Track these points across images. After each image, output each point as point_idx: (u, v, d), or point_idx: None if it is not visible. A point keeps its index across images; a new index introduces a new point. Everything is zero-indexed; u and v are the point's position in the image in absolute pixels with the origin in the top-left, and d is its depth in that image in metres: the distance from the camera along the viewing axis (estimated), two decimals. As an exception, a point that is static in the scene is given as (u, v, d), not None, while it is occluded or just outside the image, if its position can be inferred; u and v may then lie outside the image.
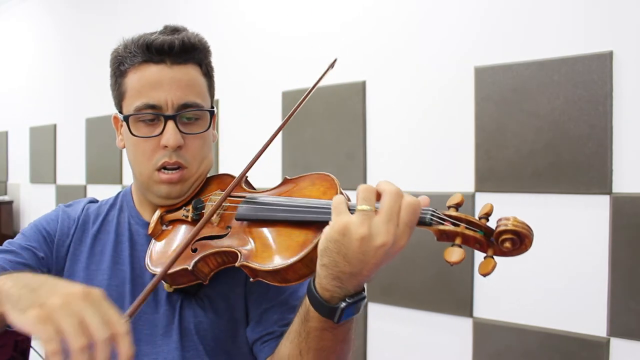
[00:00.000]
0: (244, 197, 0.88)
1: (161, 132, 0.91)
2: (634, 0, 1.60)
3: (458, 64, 1.92)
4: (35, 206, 3.95)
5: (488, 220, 0.68)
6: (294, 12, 2.42)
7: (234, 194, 0.89)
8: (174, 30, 0.95)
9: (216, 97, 1.05)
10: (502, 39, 1.84)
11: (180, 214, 0.94)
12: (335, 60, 0.96)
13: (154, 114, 0.91)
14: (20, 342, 0.97)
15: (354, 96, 2.18)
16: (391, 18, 2.11)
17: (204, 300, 0.92)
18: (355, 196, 0.69)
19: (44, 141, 3.83)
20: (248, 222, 0.84)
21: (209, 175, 1.01)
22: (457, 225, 0.67)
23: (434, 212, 0.68)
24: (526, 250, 0.66)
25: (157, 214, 0.96)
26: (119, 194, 1.08)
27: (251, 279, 0.79)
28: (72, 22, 3.70)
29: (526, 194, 1.77)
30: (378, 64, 2.14)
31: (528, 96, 1.76)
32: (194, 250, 0.85)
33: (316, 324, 0.73)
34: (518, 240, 0.65)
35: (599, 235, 1.65)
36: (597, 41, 1.65)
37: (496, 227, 0.66)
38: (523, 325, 1.78)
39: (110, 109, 1.00)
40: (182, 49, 0.92)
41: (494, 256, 0.66)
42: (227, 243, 0.83)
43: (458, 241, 0.66)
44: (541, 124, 1.74)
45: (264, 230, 0.81)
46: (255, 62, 2.56)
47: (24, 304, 0.59)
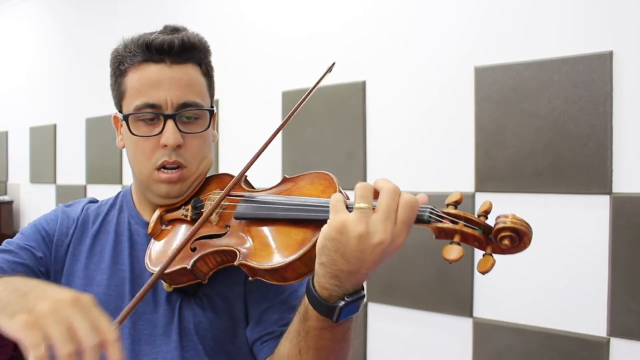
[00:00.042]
0: (243, 196, 0.88)
1: (161, 131, 0.91)
2: (634, 0, 1.60)
3: (458, 64, 1.92)
4: (35, 206, 3.95)
5: (487, 218, 0.68)
6: (294, 12, 2.42)
7: (233, 193, 0.89)
8: (173, 30, 0.96)
9: (216, 97, 1.05)
10: (502, 39, 1.84)
11: (180, 213, 0.94)
12: (334, 64, 0.96)
13: (153, 113, 0.91)
14: (21, 342, 0.96)
15: (354, 96, 2.18)
16: (391, 18, 2.11)
17: (203, 300, 0.92)
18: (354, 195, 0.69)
19: (44, 141, 3.82)
20: (247, 221, 0.84)
21: (208, 175, 1.01)
22: (456, 223, 0.67)
23: (432, 209, 0.68)
24: (525, 247, 0.65)
25: (157, 213, 0.96)
26: (118, 194, 1.08)
27: (250, 278, 0.79)
28: (72, 22, 3.70)
29: (526, 194, 1.77)
30: (378, 64, 2.14)
31: (528, 96, 1.76)
32: (193, 249, 0.85)
33: (315, 323, 0.73)
34: (517, 237, 0.64)
35: (599, 235, 1.65)
36: (597, 41, 1.65)
37: (495, 225, 0.66)
38: (523, 325, 1.78)
39: (110, 109, 1.00)
40: (182, 49, 0.92)
41: (493, 254, 0.66)
42: (226, 242, 0.83)
43: (457, 239, 0.66)
44: (541, 124, 1.74)
45: (262, 229, 0.81)
46: (255, 62, 2.56)
47: (12, 309, 0.58)
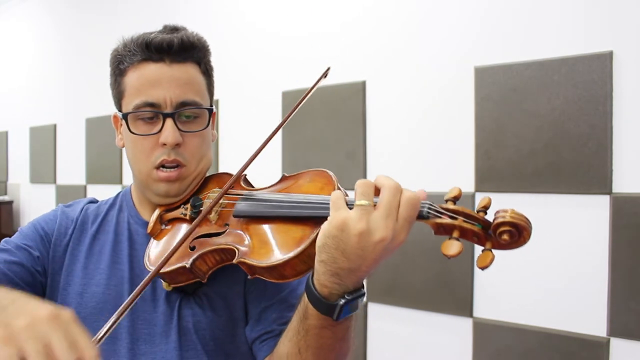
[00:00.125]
0: (242, 194, 0.88)
1: (160, 130, 0.91)
2: (634, 0, 1.60)
3: (458, 64, 1.92)
4: (35, 206, 3.95)
5: (486, 214, 0.67)
6: (294, 12, 2.42)
7: (232, 192, 0.89)
8: (173, 30, 0.96)
9: (216, 97, 1.05)
10: (502, 39, 1.84)
11: (179, 212, 0.94)
12: (329, 69, 0.96)
13: (152, 112, 0.91)
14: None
15: (354, 96, 2.18)
16: (391, 18, 2.11)
17: (202, 299, 0.92)
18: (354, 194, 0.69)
19: (44, 141, 3.82)
20: (246, 219, 0.84)
21: (208, 174, 1.01)
22: (455, 219, 0.66)
23: (431, 205, 0.68)
24: (524, 243, 0.65)
25: (156, 213, 0.95)
26: (118, 194, 1.08)
27: (249, 276, 0.79)
28: (72, 22, 3.70)
29: (526, 194, 1.77)
30: (378, 64, 2.14)
31: (528, 96, 1.76)
32: (192, 248, 0.85)
33: (315, 321, 0.72)
34: (516, 232, 0.64)
35: (599, 235, 1.65)
36: (597, 41, 1.65)
37: (494, 220, 0.65)
38: (523, 325, 1.78)
39: (110, 109, 1.01)
40: (181, 48, 0.92)
41: (492, 249, 0.65)
42: (225, 240, 0.83)
43: (455, 234, 0.66)
44: (541, 124, 1.73)
45: (261, 227, 0.81)
46: (255, 62, 2.56)
47: None
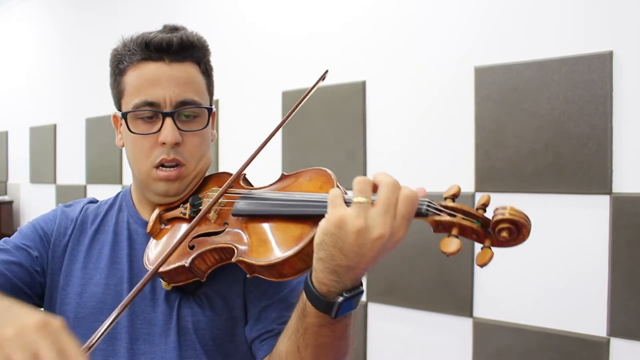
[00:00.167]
0: (241, 193, 0.88)
1: (159, 129, 0.91)
2: (634, 0, 1.60)
3: (458, 64, 1.92)
4: (35, 206, 3.95)
5: (485, 211, 0.67)
6: (294, 12, 2.42)
7: (231, 191, 0.89)
8: (172, 29, 0.96)
9: (216, 97, 1.05)
10: (502, 39, 1.84)
11: (178, 211, 0.94)
12: (327, 72, 0.97)
13: (152, 111, 0.91)
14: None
15: (354, 96, 2.18)
16: (391, 18, 2.11)
17: (202, 299, 0.92)
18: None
19: (44, 141, 3.82)
20: (245, 218, 0.84)
21: (207, 174, 1.01)
22: (454, 216, 0.66)
23: (430, 202, 0.67)
24: (524, 240, 0.64)
25: (156, 212, 0.95)
26: (118, 194, 1.08)
27: (248, 275, 0.79)
28: (72, 22, 3.70)
29: (526, 194, 1.77)
30: (378, 64, 2.14)
31: (528, 96, 1.76)
32: (191, 247, 0.85)
33: (314, 319, 0.72)
34: (515, 229, 0.63)
35: (599, 235, 1.65)
36: (597, 41, 1.65)
37: (493, 217, 0.65)
38: (523, 325, 1.78)
39: (110, 109, 1.01)
40: (181, 47, 0.92)
41: (492, 247, 0.65)
42: (224, 239, 0.83)
43: (454, 232, 0.65)
44: (541, 124, 1.73)
45: (260, 226, 0.81)
46: (255, 62, 2.56)
47: None
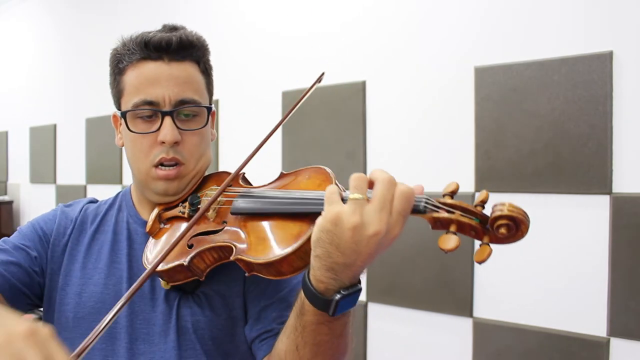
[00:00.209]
0: (239, 192, 0.88)
1: (158, 128, 0.91)
2: (634, 0, 1.60)
3: (458, 64, 1.92)
4: (35, 206, 3.95)
5: (484, 208, 0.66)
6: (294, 12, 2.42)
7: (230, 190, 0.89)
8: (172, 29, 0.96)
9: (216, 97, 1.05)
10: (502, 39, 1.84)
11: (177, 210, 0.94)
12: (323, 74, 0.97)
13: (151, 110, 0.91)
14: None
15: (354, 96, 2.18)
16: (391, 18, 2.11)
17: (201, 299, 0.92)
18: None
19: (44, 141, 3.82)
20: (244, 216, 0.84)
21: (207, 173, 1.01)
22: (452, 213, 0.66)
23: (428, 199, 0.67)
24: (522, 237, 0.64)
25: (155, 212, 0.95)
26: (118, 194, 1.08)
27: (246, 274, 0.79)
28: (72, 22, 3.70)
29: (526, 194, 1.77)
30: (378, 64, 2.14)
31: (528, 96, 1.76)
32: (189, 246, 0.85)
33: (312, 317, 0.72)
34: (514, 225, 0.63)
35: (599, 235, 1.65)
36: (597, 41, 1.65)
37: (491, 213, 0.64)
38: (523, 325, 1.78)
39: (110, 109, 1.01)
40: (180, 46, 0.92)
41: (490, 244, 0.65)
42: (223, 237, 0.83)
43: (453, 228, 0.65)
44: (541, 124, 1.73)
45: (259, 224, 0.81)
46: (255, 62, 2.56)
47: None
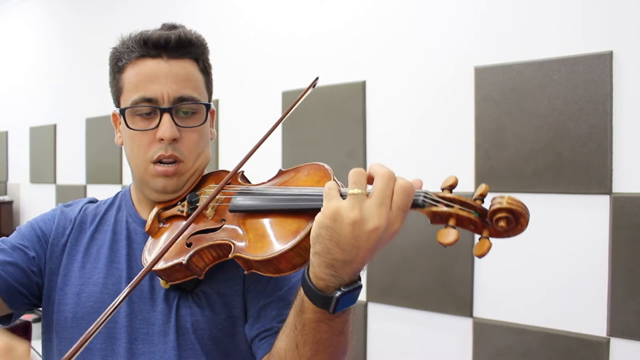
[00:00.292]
0: (238, 189, 0.88)
1: (157, 126, 0.91)
2: (634, 0, 1.60)
3: (458, 64, 1.92)
4: (35, 206, 3.95)
5: (483, 202, 0.66)
6: (293, 11, 2.42)
7: (229, 188, 0.89)
8: (171, 27, 0.96)
9: (216, 97, 1.05)
10: (502, 39, 1.84)
11: (176, 209, 0.94)
12: (317, 79, 0.97)
13: (150, 107, 0.91)
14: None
15: (353, 96, 2.18)
16: (391, 18, 2.11)
17: (201, 298, 0.92)
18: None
19: (44, 141, 3.82)
20: (242, 214, 0.84)
21: (206, 172, 1.01)
22: (451, 206, 0.65)
23: (426, 193, 0.67)
24: (522, 230, 0.64)
25: (154, 211, 0.95)
26: (118, 193, 1.08)
27: (245, 272, 0.78)
28: (72, 22, 3.70)
29: (526, 193, 1.77)
30: (378, 63, 2.14)
31: (528, 96, 1.76)
32: (188, 244, 0.85)
33: (312, 315, 0.71)
34: (513, 218, 0.63)
35: (599, 235, 1.64)
36: (597, 41, 1.65)
37: (490, 206, 0.64)
38: (523, 325, 1.78)
39: (110, 109, 1.01)
40: (179, 44, 0.93)
41: (490, 237, 0.64)
42: (221, 235, 0.83)
43: (452, 222, 0.65)
44: (541, 124, 1.73)
45: (257, 221, 0.81)
46: (255, 61, 2.56)
47: None
